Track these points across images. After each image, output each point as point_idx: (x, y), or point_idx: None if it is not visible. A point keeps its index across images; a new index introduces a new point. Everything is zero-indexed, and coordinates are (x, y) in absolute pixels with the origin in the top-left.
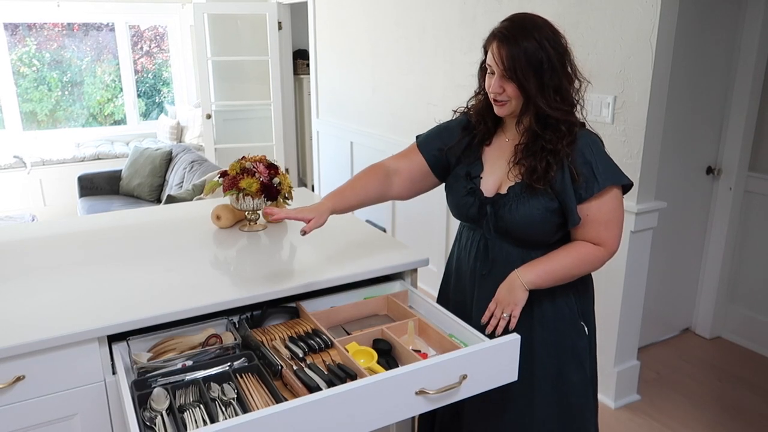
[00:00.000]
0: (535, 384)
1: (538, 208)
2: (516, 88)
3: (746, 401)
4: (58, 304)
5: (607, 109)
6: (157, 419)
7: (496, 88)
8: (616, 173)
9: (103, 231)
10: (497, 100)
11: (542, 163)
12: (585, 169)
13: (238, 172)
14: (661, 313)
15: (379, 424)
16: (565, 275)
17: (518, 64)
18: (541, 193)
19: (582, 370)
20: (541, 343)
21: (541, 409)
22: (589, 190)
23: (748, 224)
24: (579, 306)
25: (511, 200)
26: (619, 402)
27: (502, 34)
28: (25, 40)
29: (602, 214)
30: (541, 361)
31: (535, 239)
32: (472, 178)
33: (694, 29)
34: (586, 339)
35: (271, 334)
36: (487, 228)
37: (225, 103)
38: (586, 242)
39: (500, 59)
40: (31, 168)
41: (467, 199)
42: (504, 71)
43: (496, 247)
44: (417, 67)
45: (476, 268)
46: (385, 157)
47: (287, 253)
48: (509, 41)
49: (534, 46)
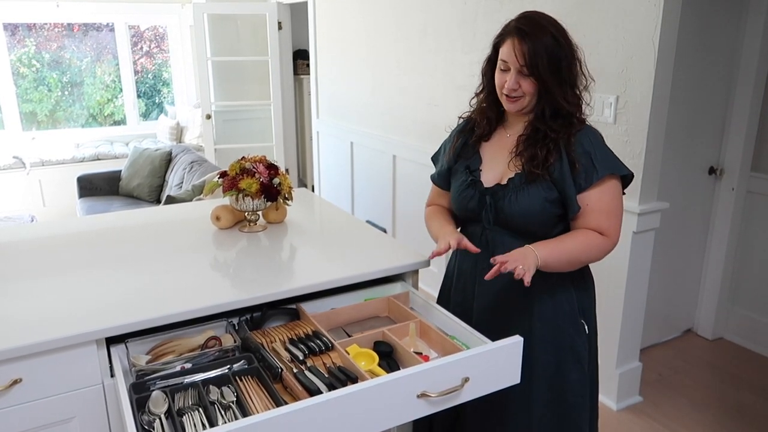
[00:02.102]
0: (533, 381)
1: (537, 198)
2: (532, 84)
3: (748, 402)
4: (56, 306)
5: (609, 109)
6: (155, 423)
7: (512, 84)
8: (614, 163)
9: (102, 232)
10: (511, 97)
11: (542, 151)
12: (584, 159)
13: (238, 173)
14: (663, 314)
15: (381, 427)
16: (573, 259)
17: (540, 60)
18: (540, 183)
19: (580, 369)
20: (540, 341)
21: (538, 407)
22: (588, 179)
23: (751, 225)
24: (579, 303)
25: (510, 191)
26: (621, 404)
27: (521, 31)
28: (24, 41)
29: (603, 203)
30: (539, 359)
31: (535, 230)
32: (472, 171)
33: (697, 29)
34: (586, 337)
35: (271, 336)
36: (486, 219)
37: (225, 103)
38: (591, 230)
39: (521, 55)
40: (31, 168)
41: (467, 192)
42: (524, 67)
43: (497, 240)
44: (417, 68)
45: (477, 264)
46: (384, 157)
47: (287, 254)
48: (529, 37)
49: (552, 42)
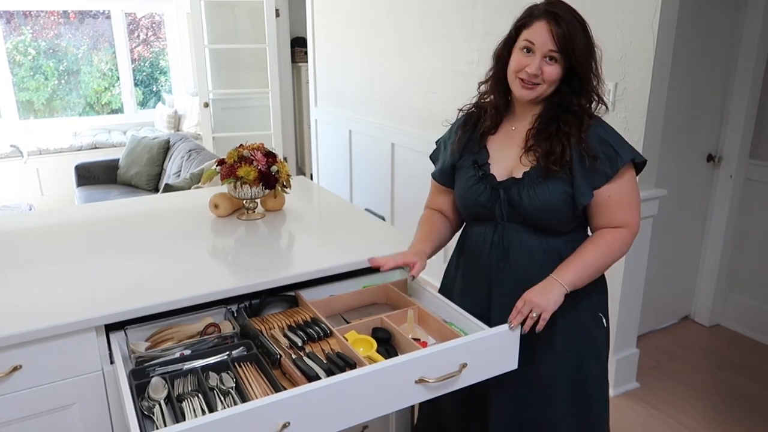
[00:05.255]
0: (558, 379)
1: (558, 192)
2: (556, 71)
3: (745, 389)
4: (56, 294)
5: (608, 96)
6: (155, 408)
7: (536, 69)
8: (633, 149)
9: (100, 220)
10: (530, 83)
11: (558, 146)
12: (604, 147)
13: (236, 161)
14: (660, 301)
15: (379, 412)
16: (600, 267)
17: (575, 45)
18: (558, 177)
19: (600, 363)
20: (562, 337)
21: (561, 403)
22: (614, 166)
23: (749, 212)
24: (597, 297)
25: (527, 185)
26: (618, 390)
27: (553, 13)
28: (20, 29)
29: (624, 195)
30: (562, 355)
31: (552, 225)
32: (481, 165)
33: (696, 15)
34: (605, 331)
35: (270, 322)
36: (500, 214)
37: (223, 91)
38: (607, 229)
39: (554, 37)
40: (28, 157)
41: (478, 186)
42: (554, 52)
43: (513, 236)
44: (416, 55)
45: (491, 262)
46: (383, 145)
47: (286, 241)
48: (563, 20)
49: (580, 28)
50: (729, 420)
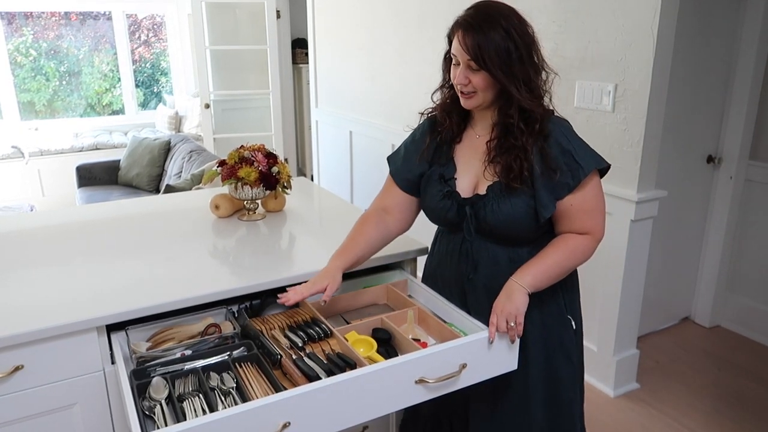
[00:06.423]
0: (529, 382)
1: (521, 206)
2: (483, 79)
3: (745, 390)
4: (57, 294)
5: (608, 97)
6: (156, 408)
7: (461, 79)
8: (595, 157)
9: (101, 221)
10: (464, 92)
11: (516, 162)
12: (566, 158)
13: (237, 161)
14: (660, 302)
15: (379, 413)
16: (560, 271)
17: (486, 54)
18: (521, 191)
19: (570, 364)
20: (532, 341)
21: (536, 407)
22: (576, 177)
23: (749, 213)
24: (564, 299)
25: (491, 200)
26: (618, 390)
27: (467, 23)
28: (21, 30)
29: (586, 202)
30: (533, 359)
31: (519, 236)
32: (447, 180)
33: (696, 17)
34: (573, 332)
35: (271, 323)
36: (468, 230)
37: (223, 92)
38: (571, 234)
39: (466, 48)
40: (29, 158)
41: (444, 203)
42: (470, 61)
43: (481, 248)
44: (416, 56)
45: (461, 272)
46: (383, 146)
47: (286, 242)
48: (475, 30)
49: (501, 35)
50: (729, 421)
